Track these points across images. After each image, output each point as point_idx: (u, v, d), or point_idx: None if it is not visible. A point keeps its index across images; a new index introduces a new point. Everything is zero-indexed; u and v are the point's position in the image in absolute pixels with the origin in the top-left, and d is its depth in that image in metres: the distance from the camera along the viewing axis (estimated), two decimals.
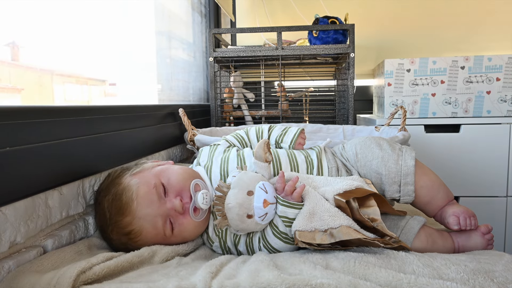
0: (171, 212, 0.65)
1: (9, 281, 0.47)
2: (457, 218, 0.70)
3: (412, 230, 0.68)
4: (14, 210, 0.51)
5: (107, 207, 0.64)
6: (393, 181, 0.73)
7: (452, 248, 0.70)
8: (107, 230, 0.64)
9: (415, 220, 0.70)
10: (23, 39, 0.82)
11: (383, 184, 0.74)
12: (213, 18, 1.98)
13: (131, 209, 0.63)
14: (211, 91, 1.49)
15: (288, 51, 1.43)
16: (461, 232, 0.71)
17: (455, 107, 1.57)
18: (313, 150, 0.82)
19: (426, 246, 0.68)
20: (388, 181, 0.73)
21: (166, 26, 1.45)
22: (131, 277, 0.52)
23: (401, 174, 0.73)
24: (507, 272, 0.52)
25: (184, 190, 0.67)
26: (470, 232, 0.70)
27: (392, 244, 0.57)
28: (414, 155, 0.75)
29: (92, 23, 1.01)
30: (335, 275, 0.48)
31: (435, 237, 0.69)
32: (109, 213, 0.64)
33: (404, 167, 0.73)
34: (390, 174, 0.73)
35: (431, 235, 0.69)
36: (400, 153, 0.75)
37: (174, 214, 0.65)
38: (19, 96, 0.84)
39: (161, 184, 0.66)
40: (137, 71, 1.26)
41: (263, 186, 0.64)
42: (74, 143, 0.64)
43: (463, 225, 0.69)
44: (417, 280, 0.48)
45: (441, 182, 0.75)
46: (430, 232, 0.70)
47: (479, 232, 0.70)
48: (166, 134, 1.10)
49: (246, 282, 0.47)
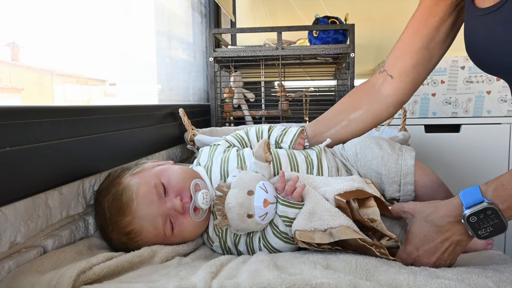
0: (171, 212, 0.65)
1: (9, 281, 0.47)
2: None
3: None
4: (14, 210, 0.51)
5: (107, 207, 0.64)
6: (393, 180, 0.73)
7: None
8: (107, 230, 0.64)
9: None
10: (23, 39, 0.82)
11: (383, 184, 0.74)
12: (213, 18, 1.98)
13: (131, 209, 0.63)
14: (211, 91, 1.49)
15: (288, 51, 1.43)
16: None
17: (455, 107, 1.57)
18: (313, 150, 0.82)
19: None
20: (388, 181, 0.73)
21: (166, 26, 1.45)
22: (131, 277, 0.52)
23: (401, 173, 0.73)
24: (502, 271, 0.52)
25: (184, 190, 0.67)
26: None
27: (388, 256, 0.57)
28: (414, 155, 0.75)
29: (92, 23, 1.01)
30: (335, 275, 0.48)
31: None
32: (109, 213, 0.64)
33: (404, 167, 0.73)
34: (390, 173, 0.73)
35: None
36: (400, 153, 0.75)
37: (174, 214, 0.65)
38: (19, 96, 0.84)
39: (161, 184, 0.66)
40: (137, 71, 1.26)
41: (263, 185, 0.64)
42: (74, 143, 0.64)
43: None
44: (415, 280, 0.48)
45: (441, 182, 0.75)
46: None
47: None
48: (166, 134, 1.10)
49: (246, 282, 0.47)
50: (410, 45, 0.81)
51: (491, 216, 0.51)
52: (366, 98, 0.88)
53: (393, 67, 0.84)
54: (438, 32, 0.78)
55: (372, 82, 0.89)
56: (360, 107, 0.88)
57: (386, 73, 0.86)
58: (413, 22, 0.81)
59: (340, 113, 0.89)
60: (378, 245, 0.57)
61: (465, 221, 0.52)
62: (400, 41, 0.84)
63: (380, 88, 0.87)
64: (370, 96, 0.88)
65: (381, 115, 0.88)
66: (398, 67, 0.83)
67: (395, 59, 0.84)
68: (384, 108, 0.87)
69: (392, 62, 0.85)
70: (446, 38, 0.79)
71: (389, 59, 0.86)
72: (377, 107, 0.87)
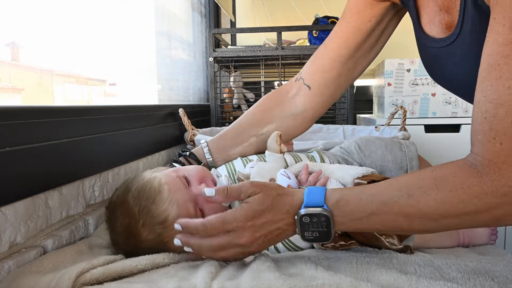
0: (199, 198, 0.63)
1: (8, 282, 0.47)
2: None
3: None
4: (14, 210, 0.51)
5: (133, 202, 0.61)
6: (400, 166, 0.77)
7: (457, 238, 0.70)
8: (136, 226, 0.60)
9: None
10: (23, 39, 0.82)
11: (391, 172, 0.78)
12: (213, 18, 1.98)
13: (163, 196, 0.61)
14: (211, 91, 1.49)
15: (288, 51, 1.43)
16: None
17: (455, 107, 1.57)
18: (313, 151, 0.85)
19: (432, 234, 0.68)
20: (395, 167, 0.77)
21: (166, 26, 1.45)
22: (131, 276, 0.52)
23: (406, 158, 0.76)
24: (507, 272, 0.52)
25: (206, 178, 0.67)
26: None
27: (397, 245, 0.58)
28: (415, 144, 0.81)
29: (92, 23, 1.01)
30: (336, 276, 0.48)
31: None
32: (138, 207, 0.60)
33: (408, 152, 0.78)
34: (396, 159, 0.77)
35: None
36: (401, 143, 0.80)
37: (202, 200, 0.63)
38: (19, 96, 0.84)
39: (183, 176, 0.66)
40: (137, 71, 1.26)
41: (285, 172, 0.65)
42: (74, 143, 0.64)
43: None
44: (418, 281, 0.48)
45: None
46: None
47: None
48: (166, 134, 1.09)
49: (247, 283, 0.47)
50: (338, 53, 0.73)
51: (323, 224, 0.50)
52: (278, 111, 0.79)
53: (312, 77, 0.76)
54: (368, 38, 0.71)
55: (284, 91, 0.80)
56: (271, 121, 0.78)
57: (303, 81, 0.77)
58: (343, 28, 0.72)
59: (249, 128, 0.80)
60: (387, 234, 0.58)
61: (298, 218, 0.51)
62: (326, 48, 0.75)
63: (294, 99, 0.78)
64: (283, 109, 0.79)
65: (294, 131, 0.80)
66: (319, 78, 0.75)
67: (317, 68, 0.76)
68: (299, 124, 0.79)
69: (313, 70, 0.76)
70: (375, 45, 0.73)
71: (308, 67, 0.77)
72: (291, 123, 0.78)
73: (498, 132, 0.42)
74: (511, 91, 0.41)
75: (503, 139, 0.41)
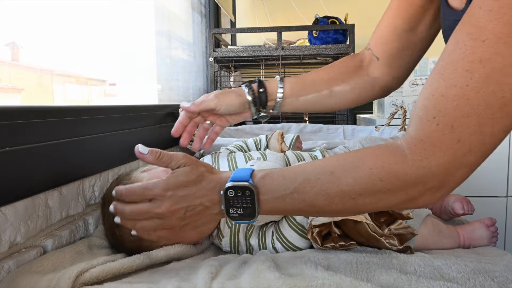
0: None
1: (8, 282, 0.47)
2: (461, 203, 0.77)
3: (419, 217, 0.69)
4: (14, 210, 0.51)
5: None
6: None
7: (457, 240, 0.70)
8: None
9: (421, 210, 0.71)
10: (23, 39, 0.82)
11: None
12: (213, 18, 1.98)
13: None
14: (211, 91, 1.49)
15: (288, 51, 1.43)
16: (465, 225, 0.72)
17: None
18: (316, 150, 0.85)
19: (433, 234, 0.68)
20: None
21: (166, 26, 1.45)
22: (131, 277, 0.52)
23: None
24: (507, 272, 0.52)
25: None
26: (474, 225, 0.72)
27: (397, 246, 0.58)
28: None
29: (92, 23, 1.01)
30: (336, 276, 0.48)
31: (441, 227, 0.70)
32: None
33: None
34: None
35: (437, 224, 0.70)
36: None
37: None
38: (19, 96, 0.84)
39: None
40: (137, 71, 1.26)
41: None
42: (74, 143, 0.64)
43: (466, 210, 0.77)
44: (418, 281, 0.48)
45: None
46: (436, 221, 0.71)
47: (483, 225, 0.71)
48: (166, 134, 1.09)
49: (247, 283, 0.47)
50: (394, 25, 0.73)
51: (248, 199, 0.49)
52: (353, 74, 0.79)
53: (376, 48, 0.77)
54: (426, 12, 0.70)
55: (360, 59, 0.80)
56: (347, 81, 0.78)
57: (371, 52, 0.78)
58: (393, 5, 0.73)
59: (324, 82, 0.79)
60: (388, 236, 0.58)
61: (223, 192, 0.49)
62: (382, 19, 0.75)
63: (368, 68, 0.79)
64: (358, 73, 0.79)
65: (366, 96, 0.79)
66: (381, 49, 0.76)
67: (377, 39, 0.77)
68: (371, 89, 0.79)
69: (374, 42, 0.77)
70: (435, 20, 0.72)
71: (372, 38, 0.78)
72: (365, 86, 0.78)
73: (440, 112, 0.41)
74: (468, 74, 0.40)
75: (441, 121, 0.41)
